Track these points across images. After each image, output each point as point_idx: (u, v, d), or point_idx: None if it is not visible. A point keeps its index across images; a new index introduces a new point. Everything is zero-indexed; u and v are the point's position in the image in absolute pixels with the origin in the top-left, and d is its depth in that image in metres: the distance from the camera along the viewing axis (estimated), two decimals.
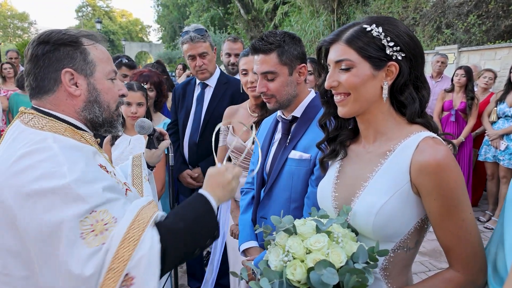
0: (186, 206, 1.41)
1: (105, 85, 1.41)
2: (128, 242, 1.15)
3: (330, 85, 1.37)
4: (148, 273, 1.15)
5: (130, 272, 1.13)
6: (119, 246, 1.14)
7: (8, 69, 7.38)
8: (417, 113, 1.33)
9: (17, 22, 61.11)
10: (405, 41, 1.29)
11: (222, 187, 1.49)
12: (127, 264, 1.13)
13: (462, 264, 1.24)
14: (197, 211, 1.38)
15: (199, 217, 1.37)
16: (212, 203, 1.42)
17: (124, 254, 1.13)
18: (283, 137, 2.10)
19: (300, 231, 1.25)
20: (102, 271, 1.11)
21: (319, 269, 1.11)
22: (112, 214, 1.19)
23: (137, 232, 1.18)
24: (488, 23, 10.08)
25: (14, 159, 1.18)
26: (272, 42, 1.94)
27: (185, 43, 3.27)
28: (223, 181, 1.49)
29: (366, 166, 1.39)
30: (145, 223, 1.21)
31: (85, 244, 1.11)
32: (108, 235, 1.15)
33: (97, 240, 1.13)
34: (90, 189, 1.17)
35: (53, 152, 1.20)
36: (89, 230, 1.13)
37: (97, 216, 1.16)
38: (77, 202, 1.13)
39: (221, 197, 1.48)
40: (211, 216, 1.40)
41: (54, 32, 1.34)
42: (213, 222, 1.41)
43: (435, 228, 1.26)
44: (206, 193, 1.44)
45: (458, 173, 1.21)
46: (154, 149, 2.00)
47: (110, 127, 1.49)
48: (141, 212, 1.25)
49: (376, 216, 1.26)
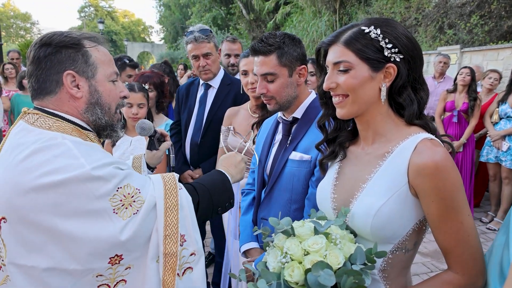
0: (206, 176, 1.69)
1: (106, 87, 1.43)
2: (170, 210, 1.34)
3: (329, 86, 1.37)
4: (193, 227, 1.39)
5: (180, 232, 1.35)
6: (165, 215, 1.33)
7: (10, 70, 7.39)
8: (416, 114, 1.34)
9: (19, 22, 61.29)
10: (404, 43, 1.29)
11: (234, 165, 1.81)
12: (178, 227, 1.34)
13: (461, 266, 1.24)
14: (216, 178, 1.67)
15: (218, 181, 1.65)
16: (227, 175, 1.71)
17: (172, 220, 1.33)
18: (283, 138, 2.11)
19: (298, 232, 1.26)
20: (159, 240, 1.31)
21: (316, 271, 1.11)
22: (135, 186, 1.32)
23: (173, 198, 1.37)
24: (490, 23, 10.04)
25: (26, 155, 1.21)
26: (272, 43, 1.94)
27: (189, 43, 3.27)
28: (234, 161, 1.83)
29: (364, 167, 1.40)
30: (175, 188, 1.40)
31: (119, 217, 1.25)
32: (136, 206, 1.29)
33: (128, 212, 1.27)
34: (108, 170, 1.27)
35: (67, 147, 1.24)
36: (120, 205, 1.26)
37: (123, 191, 1.28)
38: (102, 183, 1.23)
39: (234, 174, 1.77)
40: (227, 184, 1.67)
41: (56, 34, 1.36)
42: (230, 189, 1.67)
43: (433, 230, 1.26)
44: (221, 169, 1.74)
45: (456, 175, 1.21)
46: (155, 150, 2.00)
47: (111, 131, 1.51)
48: (165, 180, 1.42)
49: (374, 217, 1.26)
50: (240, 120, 2.92)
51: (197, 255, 1.40)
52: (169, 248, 1.31)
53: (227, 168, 1.76)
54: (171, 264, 1.32)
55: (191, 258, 1.38)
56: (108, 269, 1.26)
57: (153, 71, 3.82)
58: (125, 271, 1.30)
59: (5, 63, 7.62)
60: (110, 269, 1.26)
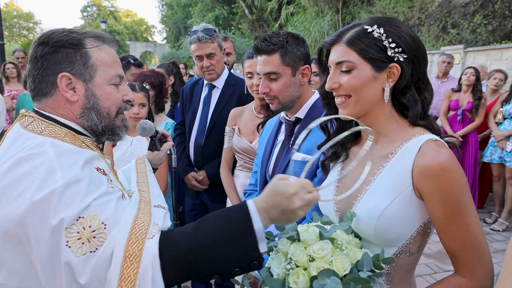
0: (221, 215, 1.17)
1: (105, 91, 1.33)
2: (130, 261, 1.06)
3: (331, 87, 1.35)
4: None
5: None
6: (122, 266, 1.05)
7: (11, 69, 7.36)
8: (420, 115, 1.31)
9: (22, 22, 61.43)
10: (407, 42, 1.27)
11: (281, 211, 1.14)
12: (135, 285, 1.04)
13: (469, 269, 1.21)
14: (231, 228, 1.12)
15: (230, 236, 1.11)
16: (256, 225, 1.11)
17: (129, 275, 1.05)
18: (286, 138, 2.09)
19: (303, 237, 1.22)
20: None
21: (322, 279, 1.09)
22: (103, 219, 1.11)
23: (137, 245, 1.08)
24: (494, 23, 10.00)
25: (11, 164, 1.14)
26: (275, 42, 1.92)
27: (192, 43, 3.23)
28: (286, 206, 1.13)
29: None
30: (144, 233, 1.10)
31: (72, 253, 1.05)
32: (95, 243, 1.08)
33: (84, 248, 1.06)
34: (77, 192, 1.11)
35: (49, 157, 1.15)
36: (76, 238, 1.06)
37: (84, 222, 1.08)
38: (64, 208, 1.07)
39: (277, 221, 1.17)
40: (248, 240, 1.11)
41: (56, 32, 1.28)
42: (250, 250, 1.11)
43: (439, 233, 1.24)
44: (254, 208, 1.14)
45: (462, 176, 1.19)
46: (156, 151, 1.98)
47: (112, 135, 1.42)
48: (136, 220, 1.15)
49: (378, 220, 1.24)
50: (244, 121, 2.90)
51: None
52: None
53: (269, 209, 1.14)
54: None
55: None
56: None
57: (153, 70, 3.80)
58: None
59: (6, 62, 7.60)
60: None
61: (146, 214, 1.22)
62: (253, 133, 2.80)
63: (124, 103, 1.43)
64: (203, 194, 3.39)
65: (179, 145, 3.51)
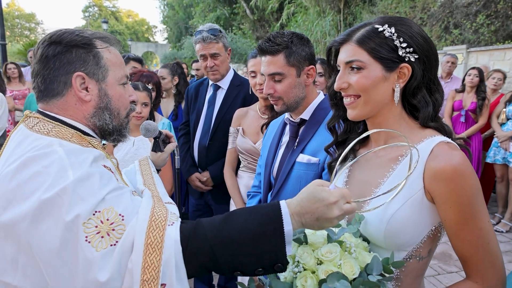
0: (252, 212, 1.14)
1: (116, 91, 1.36)
2: (152, 248, 1.05)
3: (340, 86, 1.32)
4: (178, 278, 1.06)
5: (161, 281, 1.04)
6: (145, 253, 1.04)
7: (13, 69, 7.37)
8: (431, 117, 1.29)
9: (24, 22, 61.53)
10: (419, 42, 1.24)
11: (316, 218, 1.12)
12: (159, 272, 1.03)
13: (481, 274, 1.19)
14: (260, 228, 1.09)
15: (257, 235, 1.08)
16: (286, 227, 1.09)
17: (153, 262, 1.04)
18: (290, 140, 2.07)
19: (311, 240, 1.21)
20: (133, 286, 1.03)
21: (331, 282, 1.07)
22: (119, 211, 1.10)
23: (158, 233, 1.07)
24: (497, 23, 9.95)
25: (19, 164, 1.12)
26: (280, 43, 1.90)
27: (197, 43, 3.22)
28: (323, 214, 1.11)
29: (376, 171, 1.35)
30: (163, 220, 1.10)
31: (93, 247, 1.04)
32: (115, 236, 1.06)
33: (104, 242, 1.05)
34: (91, 187, 1.10)
35: (59, 156, 1.14)
36: (95, 233, 1.05)
37: (101, 216, 1.07)
38: (78, 203, 1.06)
39: (308, 226, 1.15)
40: (276, 241, 1.08)
41: (67, 32, 1.28)
42: (276, 251, 1.08)
43: (451, 238, 1.21)
44: (286, 210, 1.11)
45: (475, 180, 1.16)
46: (160, 152, 1.95)
47: (119, 135, 1.44)
48: (154, 209, 1.15)
49: (388, 223, 1.22)
50: (249, 121, 2.88)
51: None
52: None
53: (303, 213, 1.11)
54: None
55: None
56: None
57: (149, 70, 3.84)
58: None
59: (7, 63, 7.60)
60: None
61: (161, 205, 1.21)
62: (257, 134, 2.78)
63: (131, 104, 1.44)
64: (207, 194, 3.37)
65: (184, 146, 3.50)
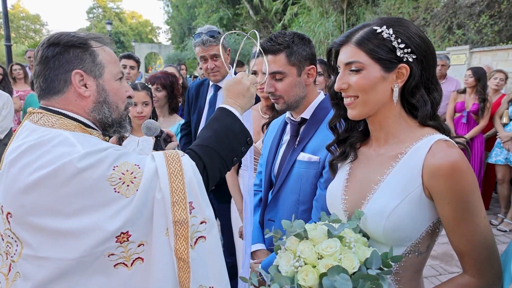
0: (211, 121, 1.53)
1: (113, 86, 1.44)
2: (175, 176, 1.27)
3: (340, 87, 1.35)
4: (201, 194, 1.31)
5: (188, 199, 1.27)
6: (170, 181, 1.26)
7: (18, 70, 7.44)
8: (429, 115, 1.31)
9: (29, 23, 61.80)
10: (416, 43, 1.27)
11: (242, 95, 1.59)
12: (186, 193, 1.26)
13: (477, 269, 1.21)
14: (223, 122, 1.51)
15: (225, 126, 1.50)
16: (235, 112, 1.53)
17: (178, 186, 1.26)
18: (291, 139, 2.09)
19: (311, 235, 1.23)
20: (167, 207, 1.23)
21: (332, 275, 1.09)
22: (133, 162, 1.27)
23: (176, 164, 1.30)
24: (500, 23, 9.93)
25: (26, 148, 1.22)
26: (281, 42, 1.93)
27: (197, 46, 3.24)
28: (242, 88, 1.60)
29: (377, 168, 1.37)
30: (176, 155, 1.34)
31: (122, 195, 1.21)
32: (137, 181, 1.23)
33: (130, 189, 1.22)
34: (104, 152, 1.24)
35: (64, 136, 1.25)
36: (121, 183, 1.21)
37: (120, 168, 1.23)
38: (98, 164, 1.20)
39: (244, 105, 1.59)
40: (237, 124, 1.52)
41: (64, 34, 1.37)
42: (242, 129, 1.53)
43: (448, 233, 1.24)
44: (226, 106, 1.55)
45: (472, 177, 1.19)
46: (161, 151, 1.98)
47: (119, 127, 1.52)
48: (166, 152, 1.36)
49: (387, 219, 1.24)
50: None
51: (208, 223, 1.31)
52: (179, 215, 1.23)
53: (235, 99, 1.58)
54: (183, 232, 1.24)
55: (202, 227, 1.30)
56: (118, 247, 1.21)
57: (163, 71, 3.87)
58: (139, 248, 1.24)
59: (12, 64, 7.66)
60: (120, 247, 1.21)
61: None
62: (258, 133, 2.80)
63: (128, 99, 1.53)
64: (209, 194, 3.38)
65: (185, 146, 3.52)
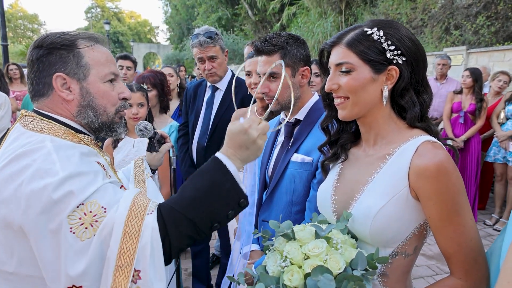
0: (199, 173, 1.28)
1: (100, 89, 1.37)
2: (129, 236, 1.11)
3: (330, 88, 1.36)
4: (152, 265, 1.12)
5: (135, 266, 1.11)
6: (122, 241, 1.11)
7: (14, 70, 7.44)
8: (418, 117, 1.32)
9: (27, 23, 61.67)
10: (406, 45, 1.27)
11: (245, 147, 1.30)
12: (134, 259, 1.10)
13: (464, 271, 1.21)
14: (210, 179, 1.23)
15: (211, 185, 1.22)
16: (230, 168, 1.25)
17: (129, 249, 1.10)
18: (285, 139, 2.09)
19: (298, 236, 1.24)
20: (109, 271, 1.09)
21: (315, 275, 1.09)
22: (102, 204, 1.16)
23: (137, 222, 1.14)
24: (497, 24, 9.96)
25: (11, 159, 1.18)
26: (276, 43, 1.93)
27: (194, 47, 3.24)
28: (246, 140, 1.29)
29: (365, 169, 1.38)
30: (143, 210, 1.17)
31: (77, 238, 1.10)
32: (97, 226, 1.12)
33: (88, 233, 1.11)
34: (81, 181, 1.16)
35: (47, 151, 1.19)
36: (79, 224, 1.10)
37: (85, 208, 1.13)
38: (68, 197, 1.12)
39: (246, 158, 1.31)
40: (228, 183, 1.23)
41: (50, 35, 1.33)
42: (233, 189, 1.24)
43: (435, 234, 1.24)
44: (223, 156, 1.28)
45: (458, 178, 1.19)
46: (155, 152, 1.99)
47: (109, 131, 1.45)
48: (136, 200, 1.20)
49: (373, 220, 1.25)
50: None
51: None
52: (118, 282, 1.08)
53: (235, 151, 1.29)
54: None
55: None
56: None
57: (151, 70, 3.84)
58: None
59: (9, 64, 7.65)
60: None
61: (144, 196, 1.26)
62: None
63: (122, 101, 1.45)
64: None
65: (183, 146, 3.52)
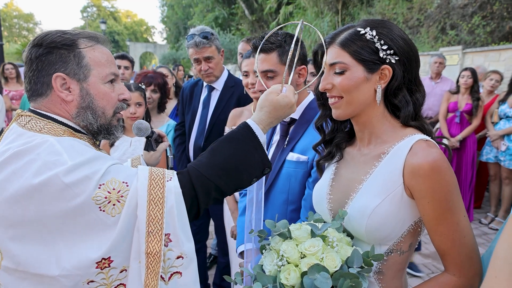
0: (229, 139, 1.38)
1: (100, 90, 1.34)
2: (155, 204, 1.18)
3: (324, 87, 1.37)
4: (181, 227, 1.21)
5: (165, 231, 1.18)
6: (148, 208, 1.17)
7: (10, 70, 7.42)
8: (411, 116, 1.33)
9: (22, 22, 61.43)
10: (399, 45, 1.29)
11: (282, 118, 1.45)
12: (163, 224, 1.17)
13: (458, 267, 1.23)
14: (241, 147, 1.34)
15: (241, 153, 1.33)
16: (260, 138, 1.37)
17: (156, 215, 1.17)
18: (281, 139, 2.10)
19: (295, 235, 1.24)
20: (141, 238, 1.15)
21: (312, 274, 1.10)
22: (121, 179, 1.20)
23: (159, 190, 1.20)
24: (492, 24, 10.02)
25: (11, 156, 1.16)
26: (273, 41, 1.94)
27: (190, 48, 3.24)
28: (288, 114, 1.46)
29: (360, 168, 1.39)
30: (162, 178, 1.24)
31: (108, 214, 1.14)
32: (124, 201, 1.17)
33: (117, 208, 1.15)
34: (91, 166, 1.18)
35: (50, 143, 1.19)
36: (106, 202, 1.14)
37: (107, 187, 1.16)
38: (84, 182, 1.14)
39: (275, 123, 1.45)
40: (257, 153, 1.35)
41: (50, 34, 1.29)
42: (261, 159, 1.35)
43: (429, 232, 1.26)
44: (256, 127, 1.38)
45: (451, 176, 1.21)
46: (152, 151, 1.99)
47: (107, 134, 1.43)
48: (152, 170, 1.26)
49: (369, 218, 1.26)
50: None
51: (185, 258, 1.22)
52: (152, 247, 1.15)
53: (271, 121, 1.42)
54: (154, 265, 1.16)
55: (178, 262, 1.21)
56: (98, 274, 1.14)
57: (155, 71, 3.83)
58: (121, 274, 1.18)
59: (5, 63, 7.63)
60: (100, 274, 1.14)
61: (157, 168, 1.31)
62: None
63: (121, 102, 1.43)
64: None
65: (179, 146, 3.51)
